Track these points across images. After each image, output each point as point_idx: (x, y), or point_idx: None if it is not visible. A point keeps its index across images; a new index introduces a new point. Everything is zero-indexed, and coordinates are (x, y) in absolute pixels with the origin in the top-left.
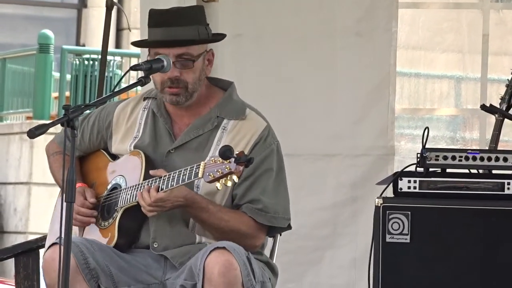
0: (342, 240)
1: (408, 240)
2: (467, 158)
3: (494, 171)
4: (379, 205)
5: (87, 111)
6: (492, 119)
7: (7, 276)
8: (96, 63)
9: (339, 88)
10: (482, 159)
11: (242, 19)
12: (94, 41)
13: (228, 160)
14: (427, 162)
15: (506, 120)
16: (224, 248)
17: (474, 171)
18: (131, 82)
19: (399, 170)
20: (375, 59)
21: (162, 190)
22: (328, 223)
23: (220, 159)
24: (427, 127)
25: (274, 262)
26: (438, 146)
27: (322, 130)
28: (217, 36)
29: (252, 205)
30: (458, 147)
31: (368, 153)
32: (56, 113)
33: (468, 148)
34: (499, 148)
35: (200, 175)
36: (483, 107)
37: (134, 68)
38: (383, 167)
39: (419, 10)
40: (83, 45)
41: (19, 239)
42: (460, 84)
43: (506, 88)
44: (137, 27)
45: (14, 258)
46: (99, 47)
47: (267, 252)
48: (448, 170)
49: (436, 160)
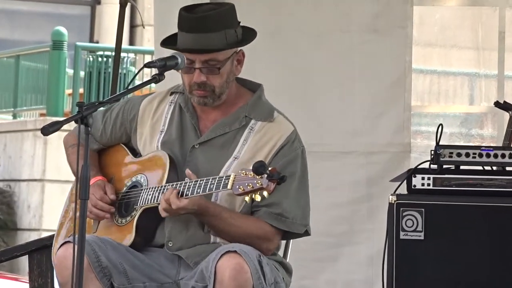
0: (359, 237)
1: (422, 237)
2: (480, 155)
3: (508, 168)
4: (393, 202)
5: (101, 108)
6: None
7: (21, 273)
8: (110, 60)
9: (356, 85)
10: (496, 156)
11: (259, 15)
12: (108, 38)
13: (260, 176)
14: (441, 159)
15: None
16: (235, 251)
17: (488, 168)
18: (145, 79)
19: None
20: (391, 56)
21: (186, 196)
22: (345, 220)
23: (251, 173)
24: (441, 124)
25: (287, 260)
26: (455, 143)
27: (338, 127)
28: (247, 36)
29: (271, 209)
30: (475, 144)
31: (384, 150)
32: (70, 110)
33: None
34: None
35: (229, 187)
36: (497, 104)
37: (148, 65)
38: (400, 164)
39: (434, 7)
40: (97, 42)
41: (33, 236)
42: (476, 81)
43: None
44: (150, 24)
45: (27, 255)
46: (113, 44)
47: (280, 251)
48: (462, 167)
49: (450, 157)
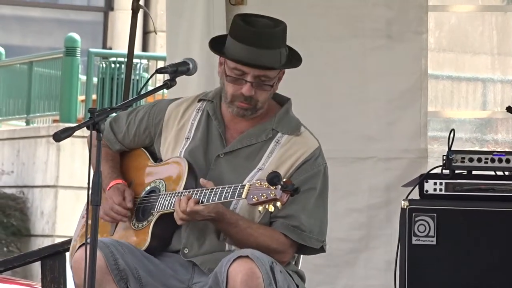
0: (376, 243)
1: (434, 242)
2: (493, 160)
3: None
4: (405, 207)
5: (113, 114)
6: None
7: (34, 279)
8: (122, 66)
9: (371, 90)
10: (508, 161)
11: None
12: (120, 44)
13: (274, 187)
14: (453, 164)
15: None
16: (247, 256)
17: (500, 173)
18: (157, 85)
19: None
20: (406, 62)
21: (202, 203)
22: (363, 226)
23: (266, 183)
24: (453, 129)
25: (299, 268)
26: (470, 148)
27: (354, 133)
28: (294, 58)
29: (288, 221)
30: (489, 149)
31: (401, 156)
32: (83, 116)
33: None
34: None
35: (243, 196)
36: (509, 109)
37: (160, 71)
38: (417, 170)
39: (449, 13)
40: (110, 48)
41: (46, 242)
42: (490, 86)
43: None
44: (163, 30)
45: (40, 261)
46: (125, 50)
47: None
48: (474, 172)
49: (462, 162)
